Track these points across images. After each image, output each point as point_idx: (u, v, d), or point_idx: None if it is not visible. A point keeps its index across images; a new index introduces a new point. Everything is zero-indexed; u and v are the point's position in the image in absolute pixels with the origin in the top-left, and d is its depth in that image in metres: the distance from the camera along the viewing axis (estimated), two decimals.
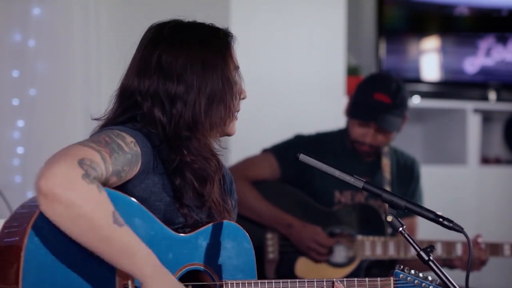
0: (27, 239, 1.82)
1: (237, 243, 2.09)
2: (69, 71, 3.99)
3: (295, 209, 3.49)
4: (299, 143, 3.56)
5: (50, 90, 3.93)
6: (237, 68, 2.16)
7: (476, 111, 5.36)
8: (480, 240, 3.38)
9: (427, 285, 2.12)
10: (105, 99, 2.11)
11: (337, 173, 2.07)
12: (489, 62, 5.50)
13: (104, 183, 1.88)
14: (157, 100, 2.08)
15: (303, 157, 2.07)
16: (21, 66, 3.88)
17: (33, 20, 3.89)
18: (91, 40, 4.04)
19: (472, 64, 5.47)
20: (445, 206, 4.88)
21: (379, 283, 2.13)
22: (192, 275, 2.06)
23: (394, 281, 2.13)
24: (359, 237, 3.43)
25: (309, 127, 3.77)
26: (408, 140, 5.30)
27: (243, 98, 2.19)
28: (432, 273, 2.05)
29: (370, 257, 3.42)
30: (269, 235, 3.50)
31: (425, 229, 3.50)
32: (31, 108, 3.89)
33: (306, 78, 4.54)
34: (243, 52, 4.61)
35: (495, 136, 5.71)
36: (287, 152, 3.54)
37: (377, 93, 3.48)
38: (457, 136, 5.34)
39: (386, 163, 3.60)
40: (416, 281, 2.13)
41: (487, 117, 5.58)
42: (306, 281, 2.08)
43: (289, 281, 2.07)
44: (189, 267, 2.02)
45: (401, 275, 2.13)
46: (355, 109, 3.51)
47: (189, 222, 2.07)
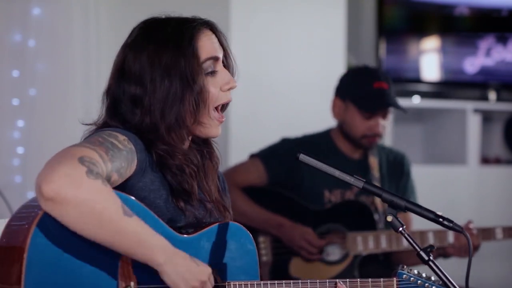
0: (30, 240, 1.81)
1: (240, 245, 2.09)
2: (69, 71, 3.98)
3: (286, 212, 3.49)
4: (285, 146, 3.56)
5: (50, 90, 3.93)
6: (212, 58, 2.08)
7: (476, 111, 5.36)
8: (471, 225, 3.37)
9: (430, 285, 2.12)
10: None
11: (337, 173, 2.07)
12: (489, 62, 5.50)
13: (106, 180, 1.87)
14: (125, 103, 2.07)
15: (303, 157, 2.07)
16: (21, 66, 3.88)
17: (33, 20, 3.89)
18: (91, 40, 4.04)
19: (472, 64, 5.46)
20: (445, 206, 4.89)
21: (382, 283, 2.13)
22: None
23: (397, 281, 2.12)
24: (351, 233, 3.43)
25: (309, 127, 3.77)
26: (408, 140, 5.30)
27: (230, 88, 2.11)
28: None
29: (363, 252, 3.43)
30: (261, 238, 3.51)
31: (416, 219, 3.52)
32: (31, 108, 3.89)
33: (306, 78, 4.54)
34: (243, 52, 4.64)
35: (495, 136, 5.71)
36: (274, 156, 3.55)
37: (375, 82, 3.49)
38: (457, 136, 5.34)
39: (373, 161, 3.60)
40: (419, 282, 2.12)
41: (487, 117, 5.58)
42: (309, 281, 2.08)
43: (292, 282, 2.07)
44: None
45: (404, 276, 2.13)
46: (364, 103, 3.49)
47: (189, 218, 2.07)
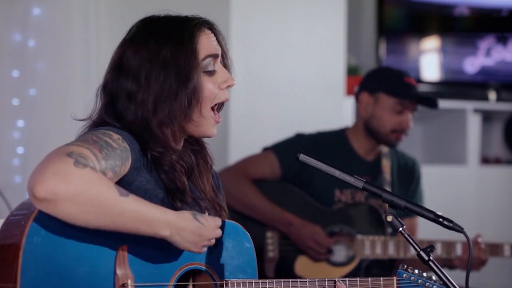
0: (25, 237, 1.81)
1: (237, 242, 2.08)
2: (69, 71, 3.98)
3: (296, 208, 3.49)
4: (300, 142, 3.55)
5: (50, 90, 3.93)
6: (211, 56, 2.08)
7: (476, 111, 5.36)
8: (480, 240, 3.38)
9: (431, 285, 2.12)
10: None
11: (337, 173, 2.07)
12: (489, 62, 5.50)
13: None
14: (121, 99, 2.08)
15: (303, 157, 2.07)
16: (21, 66, 3.87)
17: (33, 20, 3.89)
18: (91, 40, 4.04)
19: (472, 64, 5.47)
20: (445, 206, 4.88)
21: (381, 282, 2.12)
22: (192, 274, 2.06)
23: (397, 280, 2.12)
24: (359, 237, 3.42)
25: (309, 127, 3.77)
26: (408, 140, 5.28)
27: (229, 86, 2.11)
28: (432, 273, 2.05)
29: (369, 256, 3.42)
30: (269, 234, 3.50)
31: (425, 229, 3.50)
32: (31, 108, 3.88)
33: (306, 78, 4.54)
34: (243, 52, 4.64)
35: (495, 136, 5.71)
36: (288, 151, 3.53)
37: (406, 77, 3.53)
38: (457, 136, 5.34)
39: (386, 164, 3.60)
40: (419, 281, 2.12)
41: (487, 117, 5.58)
42: (307, 280, 2.07)
43: (290, 280, 2.06)
44: (189, 267, 2.02)
45: (405, 275, 2.12)
46: (400, 91, 3.49)
47: None
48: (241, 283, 2.04)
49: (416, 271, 2.12)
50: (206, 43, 2.09)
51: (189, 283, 2.05)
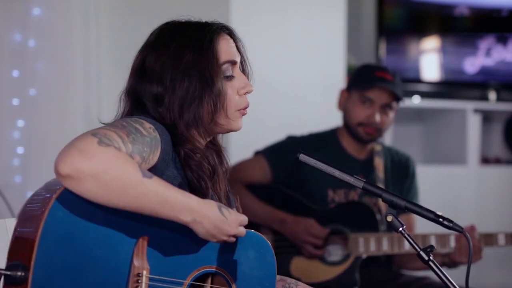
0: (48, 211, 1.80)
1: (260, 255, 2.08)
2: (69, 71, 3.98)
3: (289, 210, 3.49)
4: (291, 144, 3.56)
5: (50, 90, 3.93)
6: (230, 62, 2.12)
7: (476, 111, 5.36)
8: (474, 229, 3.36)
9: None
10: (105, 99, 2.13)
11: (337, 173, 2.07)
12: (489, 62, 5.50)
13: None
14: (147, 101, 2.10)
15: (303, 157, 2.07)
16: (21, 66, 3.87)
17: (33, 20, 3.89)
18: (91, 40, 4.04)
19: (472, 64, 5.47)
20: (445, 206, 4.89)
21: None
22: (209, 277, 2.06)
23: None
24: (353, 235, 3.43)
25: (309, 127, 3.77)
26: (408, 140, 5.30)
27: (247, 92, 2.16)
28: (432, 273, 2.05)
29: (364, 253, 3.42)
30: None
31: (418, 222, 3.52)
32: (31, 108, 3.88)
33: (306, 78, 4.54)
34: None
35: (495, 136, 5.71)
36: (279, 153, 3.55)
37: (378, 71, 3.52)
38: (457, 136, 5.34)
39: (379, 162, 3.60)
40: None
41: (487, 117, 5.58)
42: None
43: None
44: (207, 269, 2.02)
45: None
46: (357, 81, 3.52)
47: None
48: None
49: None
50: (225, 48, 2.12)
51: (205, 284, 2.04)
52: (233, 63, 2.14)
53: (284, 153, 3.54)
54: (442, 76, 5.42)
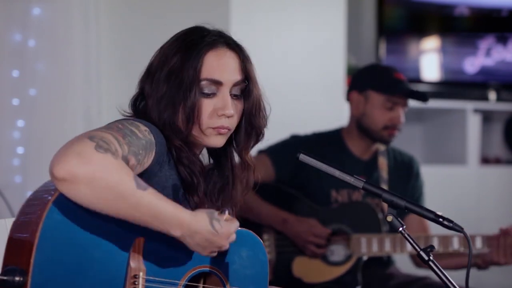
0: (46, 214, 1.80)
1: (253, 253, 2.09)
2: (69, 71, 3.98)
3: (292, 209, 3.49)
4: (294, 144, 3.55)
5: (50, 90, 3.93)
6: (210, 81, 2.07)
7: (476, 111, 5.36)
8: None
9: None
10: (105, 99, 2.13)
11: (337, 173, 2.07)
12: (489, 62, 5.50)
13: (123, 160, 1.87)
14: (141, 99, 2.13)
15: (303, 157, 2.07)
16: (21, 66, 3.87)
17: (33, 20, 3.89)
18: (91, 40, 4.04)
19: (472, 64, 5.47)
20: (445, 206, 4.88)
21: None
22: (203, 277, 2.06)
23: None
24: (355, 235, 3.43)
25: (309, 127, 3.77)
26: (408, 140, 5.30)
27: (223, 115, 2.08)
28: (432, 273, 2.05)
29: (366, 254, 3.42)
30: (265, 236, 3.50)
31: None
32: (31, 108, 3.88)
33: (306, 78, 4.54)
34: None
35: (495, 136, 5.71)
36: (282, 153, 3.54)
37: (395, 72, 3.52)
38: (457, 136, 5.34)
39: (382, 162, 3.60)
40: None
41: (487, 117, 5.58)
42: None
43: None
44: (202, 269, 2.02)
45: None
46: (388, 88, 3.49)
47: None
48: None
49: None
50: (211, 66, 2.08)
51: (199, 284, 2.05)
52: (216, 83, 2.08)
53: (287, 153, 3.53)
54: (442, 76, 5.42)
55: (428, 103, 3.59)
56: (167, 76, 2.07)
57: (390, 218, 2.01)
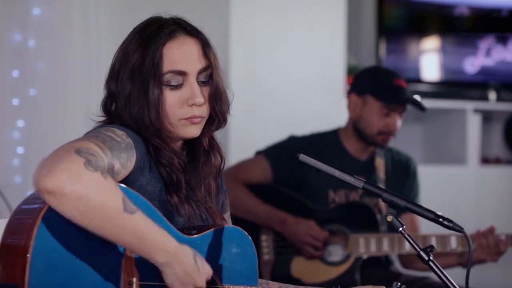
0: (35, 234, 1.80)
1: (241, 249, 2.09)
2: (69, 71, 3.98)
3: (289, 210, 3.49)
4: (292, 144, 3.55)
5: (50, 90, 3.93)
6: (174, 72, 2.04)
7: (476, 111, 5.36)
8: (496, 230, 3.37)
9: None
10: None
11: (337, 173, 2.07)
12: (489, 62, 5.50)
13: (110, 172, 1.85)
14: (112, 99, 2.10)
15: (303, 157, 2.07)
16: (21, 66, 3.87)
17: (33, 20, 3.89)
18: (91, 40, 4.04)
19: (472, 64, 5.47)
20: (445, 206, 4.88)
21: None
22: None
23: None
24: (353, 235, 3.43)
25: (309, 127, 3.77)
26: (408, 140, 5.30)
27: (193, 104, 2.05)
28: (432, 273, 2.05)
29: (364, 254, 3.42)
30: (264, 237, 3.51)
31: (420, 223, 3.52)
32: (31, 108, 3.88)
33: (306, 78, 4.54)
34: (243, 52, 4.63)
35: (495, 136, 5.71)
36: (280, 154, 3.54)
37: (395, 79, 3.51)
38: (457, 136, 5.34)
39: (380, 162, 3.60)
40: None
41: (487, 117, 5.58)
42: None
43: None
44: None
45: None
46: (386, 96, 3.48)
47: (185, 218, 2.07)
48: None
49: None
50: (173, 56, 2.05)
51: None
52: (180, 73, 2.05)
53: (285, 153, 3.53)
54: (442, 76, 5.42)
55: (426, 110, 3.58)
56: (130, 74, 2.04)
57: (390, 218, 2.01)
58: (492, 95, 5.48)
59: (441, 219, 2.00)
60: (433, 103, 5.31)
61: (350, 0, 4.88)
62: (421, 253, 1.99)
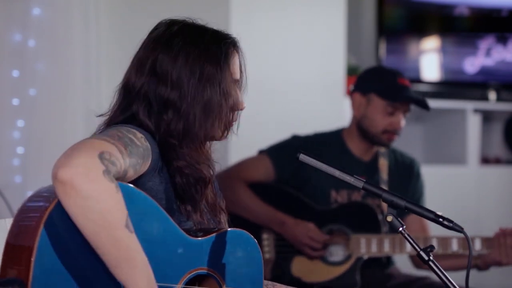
0: (44, 221, 1.80)
1: (247, 253, 2.09)
2: (69, 71, 3.98)
3: (291, 209, 3.49)
4: (295, 144, 3.55)
5: (50, 90, 3.93)
6: (235, 81, 2.13)
7: (476, 111, 5.36)
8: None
9: None
10: (105, 99, 2.12)
11: (337, 173, 2.07)
12: (489, 62, 5.50)
13: (122, 177, 1.87)
14: (146, 102, 2.08)
15: (303, 157, 2.07)
16: (21, 66, 3.87)
17: (33, 20, 3.89)
18: (91, 40, 4.04)
19: (472, 64, 5.47)
20: (445, 206, 4.88)
21: None
22: (199, 279, 2.06)
23: None
24: (354, 235, 3.43)
25: (309, 127, 3.77)
26: (408, 140, 5.30)
27: (241, 109, 2.15)
28: (432, 273, 2.05)
29: (365, 254, 3.42)
30: (265, 236, 3.51)
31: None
32: (31, 108, 3.88)
33: (306, 78, 4.54)
34: (243, 52, 4.61)
35: (495, 136, 5.71)
36: (282, 153, 3.54)
37: (399, 78, 3.52)
38: (457, 136, 5.34)
39: (383, 163, 3.60)
40: None
41: (487, 117, 5.58)
42: None
43: None
44: (198, 271, 2.02)
45: None
46: (390, 94, 3.49)
47: (193, 222, 2.08)
48: None
49: None
50: (235, 66, 2.14)
51: (196, 287, 2.05)
52: (236, 81, 2.15)
53: (288, 153, 3.53)
54: (442, 76, 5.42)
55: (430, 109, 3.58)
56: (205, 83, 2.07)
57: (390, 218, 2.01)
58: (492, 95, 5.48)
59: (441, 219, 2.00)
60: (433, 103, 5.29)
61: (350, 0, 4.88)
62: (421, 253, 2.00)
